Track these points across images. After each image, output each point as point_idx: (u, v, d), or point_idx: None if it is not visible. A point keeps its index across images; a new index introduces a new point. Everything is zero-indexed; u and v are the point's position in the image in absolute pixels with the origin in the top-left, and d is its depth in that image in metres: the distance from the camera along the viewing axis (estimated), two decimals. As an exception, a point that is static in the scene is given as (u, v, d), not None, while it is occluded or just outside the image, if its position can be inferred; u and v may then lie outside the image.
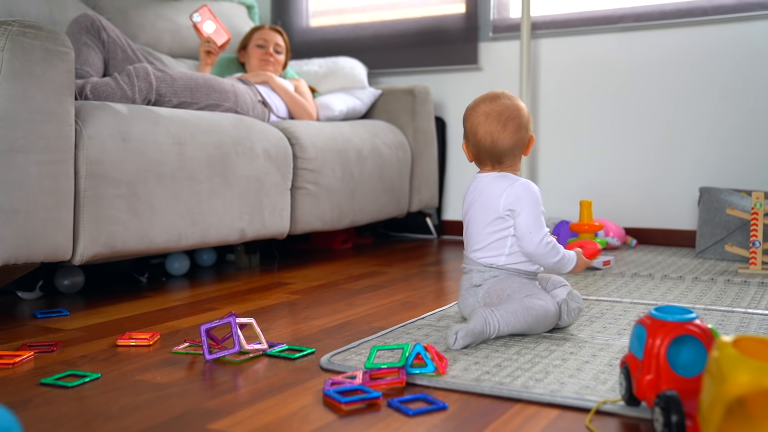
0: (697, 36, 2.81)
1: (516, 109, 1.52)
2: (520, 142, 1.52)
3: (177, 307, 1.82)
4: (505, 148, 1.52)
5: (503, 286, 1.50)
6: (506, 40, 3.14)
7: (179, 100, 2.18)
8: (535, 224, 1.49)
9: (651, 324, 0.98)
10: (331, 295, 1.94)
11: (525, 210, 1.49)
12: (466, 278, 1.57)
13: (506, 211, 1.50)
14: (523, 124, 1.52)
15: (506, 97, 1.53)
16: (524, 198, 1.49)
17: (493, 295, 1.50)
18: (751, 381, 0.75)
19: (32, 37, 1.59)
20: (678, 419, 0.88)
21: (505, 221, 1.51)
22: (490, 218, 1.52)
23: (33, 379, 1.22)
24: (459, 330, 1.34)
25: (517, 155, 1.54)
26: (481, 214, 1.53)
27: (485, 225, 1.53)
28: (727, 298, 1.83)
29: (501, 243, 1.52)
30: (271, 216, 2.27)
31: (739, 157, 2.77)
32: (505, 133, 1.51)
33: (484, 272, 1.53)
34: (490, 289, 1.51)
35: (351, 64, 3.12)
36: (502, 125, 1.51)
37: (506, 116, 1.51)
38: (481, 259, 1.54)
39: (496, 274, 1.52)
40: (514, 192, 1.50)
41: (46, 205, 1.62)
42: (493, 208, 1.51)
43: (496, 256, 1.53)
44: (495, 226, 1.52)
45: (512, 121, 1.51)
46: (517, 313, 1.40)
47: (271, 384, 1.19)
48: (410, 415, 1.03)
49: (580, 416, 1.04)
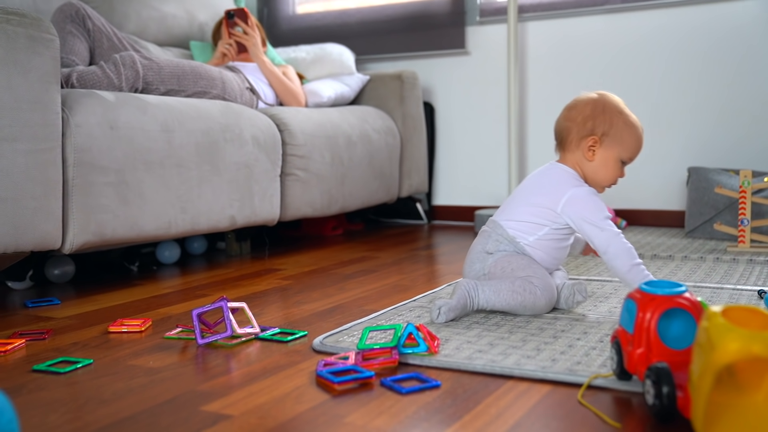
0: (683, 16, 2.81)
1: (580, 101, 1.52)
2: (570, 130, 1.51)
3: (168, 294, 1.81)
4: (557, 128, 1.54)
5: (510, 260, 1.48)
6: (493, 24, 3.14)
7: (166, 88, 2.17)
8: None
9: (641, 298, 0.99)
10: (322, 280, 1.94)
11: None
12: (480, 242, 1.54)
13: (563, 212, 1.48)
14: (574, 116, 1.50)
15: (596, 93, 1.53)
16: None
17: (499, 267, 1.49)
18: (741, 348, 0.75)
19: (16, 24, 1.57)
20: (669, 390, 0.88)
21: (553, 215, 1.49)
22: (542, 205, 1.50)
23: (25, 366, 1.22)
24: (442, 305, 1.39)
25: (572, 145, 1.51)
26: (536, 193, 1.52)
27: (534, 205, 1.51)
28: (716, 276, 1.84)
29: (538, 227, 1.50)
30: (261, 203, 2.26)
31: (727, 136, 2.78)
32: (561, 115, 1.54)
33: (502, 243, 1.51)
34: (499, 261, 1.49)
35: (339, 51, 3.11)
36: (565, 108, 1.54)
37: (571, 104, 1.53)
38: (510, 229, 1.51)
39: (513, 249, 1.51)
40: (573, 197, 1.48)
41: (34, 193, 1.61)
42: (552, 200, 1.49)
43: (525, 234, 1.50)
44: (542, 212, 1.50)
45: (571, 109, 1.52)
46: (500, 293, 1.42)
47: (264, 366, 1.19)
48: (403, 394, 1.04)
49: (572, 391, 1.04)
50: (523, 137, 3.11)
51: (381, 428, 0.92)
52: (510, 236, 1.51)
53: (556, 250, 1.52)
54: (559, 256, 1.54)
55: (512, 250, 1.51)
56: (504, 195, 3.14)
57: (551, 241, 1.50)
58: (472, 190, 3.25)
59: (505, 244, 1.51)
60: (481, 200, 3.22)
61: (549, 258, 1.52)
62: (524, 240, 1.50)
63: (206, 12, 2.99)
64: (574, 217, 1.46)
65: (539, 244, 1.50)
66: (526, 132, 3.11)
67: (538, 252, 1.50)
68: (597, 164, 1.50)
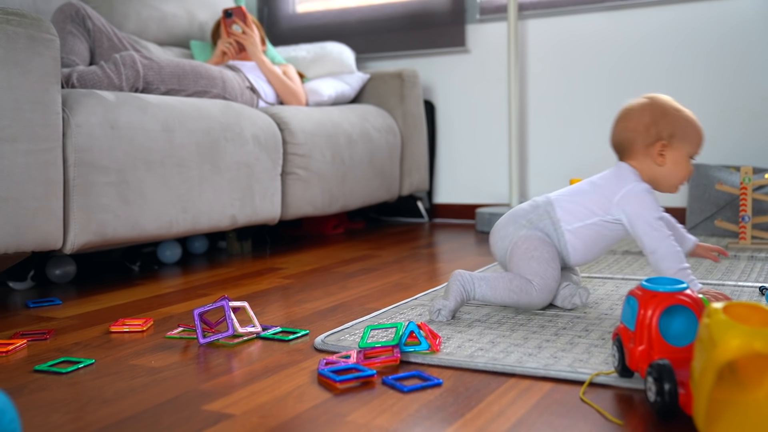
0: (685, 13, 2.81)
1: (634, 109, 1.50)
2: (634, 140, 1.50)
3: (170, 293, 1.81)
4: (617, 140, 1.53)
5: (533, 249, 1.45)
6: (493, 22, 3.13)
7: (167, 88, 2.17)
8: None
9: (642, 295, 0.99)
10: (323, 279, 1.94)
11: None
12: (526, 209, 1.51)
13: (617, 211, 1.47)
14: (634, 126, 1.49)
15: (645, 97, 1.52)
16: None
17: (521, 250, 1.46)
18: (742, 345, 0.75)
19: (16, 25, 1.57)
20: (671, 387, 0.88)
21: (607, 206, 1.47)
22: (600, 194, 1.48)
23: (27, 366, 1.22)
24: (441, 308, 1.42)
25: (639, 155, 1.50)
26: (597, 184, 1.50)
27: (592, 192, 1.49)
28: (717, 272, 1.84)
29: (588, 215, 1.47)
30: (262, 202, 2.26)
31: (728, 133, 2.77)
32: (617, 127, 1.53)
33: (543, 220, 1.48)
34: (524, 242, 1.46)
35: (339, 49, 3.11)
36: (619, 120, 1.53)
37: (624, 114, 1.52)
38: (559, 208, 1.48)
39: (550, 231, 1.47)
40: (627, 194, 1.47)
41: (35, 193, 1.61)
42: (611, 190, 1.48)
43: (571, 218, 1.47)
44: (598, 200, 1.48)
45: (628, 119, 1.51)
46: (497, 290, 1.43)
47: (266, 365, 1.19)
48: (405, 392, 1.04)
49: (574, 389, 1.04)
50: (524, 135, 3.11)
51: (383, 427, 0.92)
52: (556, 217, 1.48)
53: (594, 244, 1.49)
54: (594, 251, 1.50)
55: (544, 234, 1.47)
56: (505, 192, 3.14)
57: (594, 233, 1.47)
58: (473, 188, 3.24)
59: (546, 224, 1.48)
60: (482, 198, 3.22)
61: (583, 249, 1.49)
62: (567, 225, 1.47)
63: (206, 11, 2.99)
64: (629, 212, 1.45)
65: (581, 232, 1.47)
66: (526, 130, 3.11)
67: (575, 241, 1.47)
68: (669, 166, 1.49)
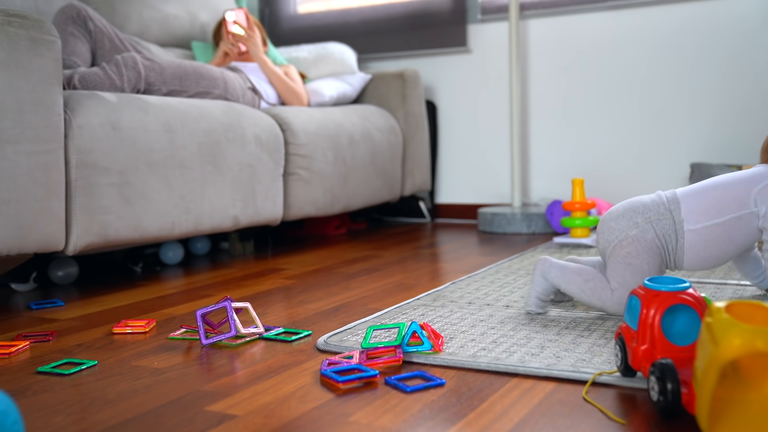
0: (686, 12, 2.81)
1: None
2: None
3: (172, 294, 1.81)
4: (763, 146, 1.48)
5: (634, 257, 1.37)
6: (495, 22, 3.13)
7: (168, 89, 2.17)
8: None
9: (645, 294, 0.99)
10: (326, 280, 1.94)
11: None
12: (647, 203, 1.41)
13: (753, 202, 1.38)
14: None
15: None
16: None
17: (621, 254, 1.39)
18: (744, 344, 0.75)
19: (17, 26, 1.57)
20: (673, 387, 0.88)
21: (743, 201, 1.39)
22: (735, 190, 1.40)
23: (29, 367, 1.22)
24: (527, 298, 1.47)
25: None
26: (732, 180, 1.41)
27: (725, 189, 1.40)
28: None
29: (717, 213, 1.38)
30: (264, 202, 2.26)
31: (729, 132, 2.77)
32: None
33: (662, 219, 1.38)
34: (626, 246, 1.38)
35: (340, 50, 3.11)
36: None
37: None
38: (684, 207, 1.38)
39: (667, 228, 1.38)
40: None
41: (37, 195, 1.61)
42: (749, 183, 1.39)
43: (698, 217, 1.38)
44: (733, 197, 1.39)
45: None
46: (569, 284, 1.42)
47: (269, 366, 1.19)
48: (408, 392, 1.04)
49: (577, 388, 1.04)
50: (526, 134, 3.11)
51: (386, 427, 0.92)
52: (680, 217, 1.38)
53: (717, 248, 1.38)
54: (716, 255, 1.40)
55: (658, 237, 1.38)
56: (507, 192, 3.14)
57: (719, 236, 1.38)
58: (475, 187, 3.24)
59: (666, 223, 1.38)
60: (484, 198, 3.22)
61: (704, 252, 1.38)
62: (691, 225, 1.37)
63: (208, 12, 2.99)
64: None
65: (706, 232, 1.37)
66: (528, 129, 3.11)
67: (698, 240, 1.37)
68: None
